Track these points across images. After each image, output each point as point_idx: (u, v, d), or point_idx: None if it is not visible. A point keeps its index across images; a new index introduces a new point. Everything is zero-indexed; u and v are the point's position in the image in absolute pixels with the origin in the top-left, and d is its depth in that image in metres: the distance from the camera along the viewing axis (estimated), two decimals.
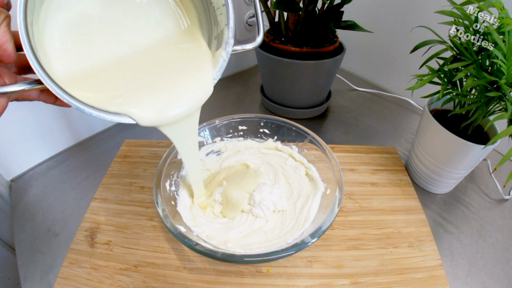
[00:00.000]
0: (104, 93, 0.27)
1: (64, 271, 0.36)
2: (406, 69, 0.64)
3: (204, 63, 0.30)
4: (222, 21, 0.30)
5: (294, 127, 0.46)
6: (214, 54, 0.30)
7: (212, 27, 0.32)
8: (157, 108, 0.28)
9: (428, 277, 0.36)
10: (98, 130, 0.58)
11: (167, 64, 0.30)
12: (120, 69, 0.29)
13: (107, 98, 0.26)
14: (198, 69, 0.30)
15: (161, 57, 0.30)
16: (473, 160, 0.41)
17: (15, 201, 0.46)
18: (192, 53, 0.31)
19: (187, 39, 0.32)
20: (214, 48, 0.31)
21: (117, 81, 0.28)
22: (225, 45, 0.30)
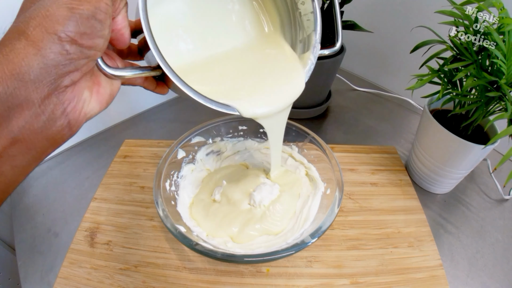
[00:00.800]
0: (210, 86, 0.29)
1: (64, 271, 0.36)
2: (406, 69, 0.64)
3: (295, 65, 0.33)
4: (309, 27, 0.32)
5: (294, 127, 0.46)
6: (301, 56, 0.33)
7: (297, 32, 0.34)
8: (261, 102, 0.31)
9: (428, 277, 0.36)
10: (98, 130, 0.59)
11: (261, 66, 0.33)
12: (218, 66, 0.32)
13: (214, 91, 0.28)
14: (291, 70, 0.33)
15: (252, 60, 0.34)
16: (473, 160, 0.41)
17: (15, 201, 0.46)
18: (280, 56, 0.34)
19: (271, 42, 0.35)
20: (299, 51, 0.34)
21: (220, 77, 0.31)
22: (313, 49, 0.32)
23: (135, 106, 0.62)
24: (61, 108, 0.19)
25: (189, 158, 0.45)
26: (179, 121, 0.61)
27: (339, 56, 0.54)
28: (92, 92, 0.21)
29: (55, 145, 0.20)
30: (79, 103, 0.20)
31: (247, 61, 0.33)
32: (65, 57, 0.17)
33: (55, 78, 0.18)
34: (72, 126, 0.20)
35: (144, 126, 0.60)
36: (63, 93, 0.19)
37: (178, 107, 0.65)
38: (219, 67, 0.32)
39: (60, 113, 0.19)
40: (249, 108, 0.30)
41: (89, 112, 0.21)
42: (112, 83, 0.23)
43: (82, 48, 0.18)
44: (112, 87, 0.23)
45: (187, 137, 0.44)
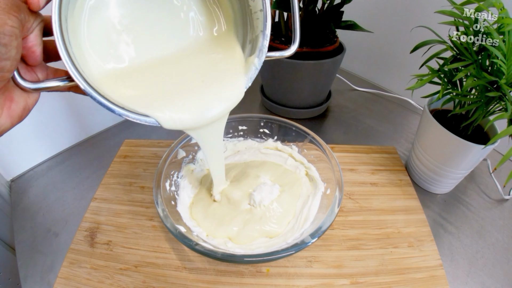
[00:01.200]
0: (134, 92, 0.27)
1: (64, 271, 0.36)
2: (406, 69, 0.64)
3: (236, 71, 0.30)
4: (257, 27, 0.29)
5: (294, 127, 0.46)
6: (247, 60, 0.30)
7: (247, 31, 0.31)
8: (185, 113, 0.28)
9: (428, 277, 0.36)
10: (98, 130, 0.59)
11: (200, 70, 0.30)
12: (153, 72, 0.29)
13: (136, 99, 0.26)
14: (229, 77, 0.29)
15: (194, 62, 0.30)
16: (473, 160, 0.41)
17: (15, 201, 0.46)
18: (225, 59, 0.31)
19: (221, 43, 0.32)
20: (247, 53, 0.31)
21: (148, 84, 0.28)
22: (259, 52, 0.29)
23: None
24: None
25: (189, 158, 0.45)
26: None
27: (339, 56, 0.54)
28: (3, 109, 0.21)
29: None
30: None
31: (187, 66, 0.30)
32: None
33: None
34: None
35: (144, 126, 0.60)
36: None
37: None
38: (154, 72, 0.29)
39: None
40: (169, 120, 0.27)
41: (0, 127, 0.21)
42: (28, 96, 0.23)
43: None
44: (28, 100, 0.23)
45: (187, 137, 0.44)
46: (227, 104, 0.29)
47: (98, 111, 0.57)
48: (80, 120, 0.55)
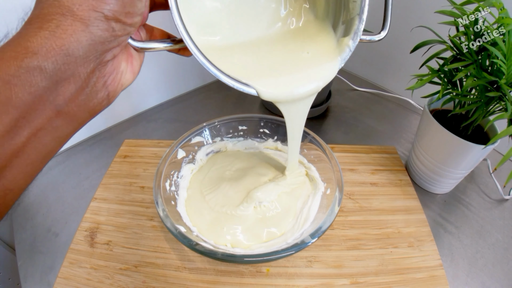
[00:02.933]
0: (235, 66, 0.28)
1: (64, 271, 0.36)
2: (406, 69, 0.64)
3: (329, 52, 0.30)
4: (354, 9, 0.29)
5: None
6: (341, 40, 0.30)
7: (340, 11, 0.31)
8: (282, 85, 0.29)
9: (428, 277, 0.36)
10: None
11: (295, 49, 0.31)
12: (251, 50, 0.30)
13: (238, 70, 0.28)
14: (323, 58, 0.30)
15: (289, 43, 0.31)
16: (473, 160, 0.41)
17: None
18: (319, 39, 0.31)
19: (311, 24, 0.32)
20: (340, 33, 0.31)
21: (248, 59, 0.30)
22: (354, 35, 0.29)
23: (135, 106, 0.62)
24: (102, 80, 0.20)
25: (189, 158, 0.45)
26: (179, 121, 0.61)
27: None
28: (128, 64, 0.22)
29: (93, 115, 0.21)
30: (118, 75, 0.21)
31: (281, 45, 0.32)
32: (110, 34, 0.18)
33: (100, 54, 0.19)
34: (111, 97, 0.22)
35: (144, 126, 0.60)
36: (104, 67, 0.20)
37: (178, 107, 0.65)
38: (251, 50, 0.31)
39: (101, 86, 0.20)
40: (268, 90, 0.28)
41: (125, 82, 0.23)
42: (139, 54, 0.24)
43: (125, 26, 0.19)
44: (140, 56, 0.24)
45: (187, 137, 0.44)
46: (319, 83, 0.30)
47: None
48: None
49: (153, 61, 0.59)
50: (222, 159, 0.47)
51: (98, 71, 0.19)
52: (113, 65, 0.21)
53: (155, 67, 0.61)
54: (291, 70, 0.30)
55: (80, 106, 0.19)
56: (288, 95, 0.30)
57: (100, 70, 0.19)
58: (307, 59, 0.30)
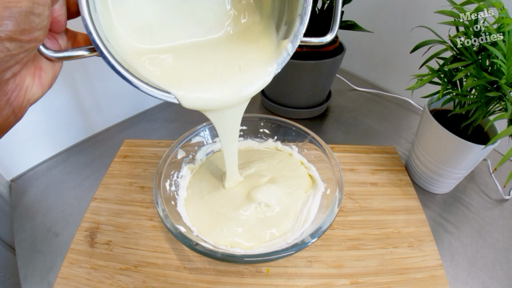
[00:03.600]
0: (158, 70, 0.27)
1: (64, 271, 0.36)
2: (406, 69, 0.64)
3: (265, 55, 0.28)
4: (296, 9, 0.26)
5: (294, 127, 0.46)
6: (280, 43, 0.28)
7: (284, 10, 0.29)
8: (204, 93, 0.27)
9: (428, 277, 0.36)
10: (98, 130, 0.59)
11: (230, 54, 0.29)
12: (180, 54, 0.28)
13: (158, 75, 0.26)
14: (257, 61, 0.28)
15: (228, 46, 0.30)
16: (473, 160, 0.41)
17: (15, 201, 0.46)
18: (259, 43, 0.29)
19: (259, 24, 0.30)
20: (281, 35, 0.28)
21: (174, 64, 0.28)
22: (293, 38, 0.27)
23: (135, 106, 0.62)
24: (4, 98, 0.19)
25: (189, 158, 0.45)
26: (179, 121, 0.61)
27: (339, 56, 0.54)
28: (34, 78, 0.22)
29: (2, 133, 0.21)
30: (21, 91, 0.20)
31: (219, 50, 0.29)
32: (5, 54, 0.17)
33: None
34: (17, 113, 0.21)
35: (144, 126, 0.60)
36: (5, 85, 0.19)
37: (178, 107, 0.64)
38: (184, 55, 0.29)
39: (4, 104, 0.19)
40: (188, 97, 0.26)
41: (32, 97, 0.22)
42: (54, 64, 0.23)
43: (22, 43, 0.18)
44: (54, 68, 0.23)
45: (187, 137, 0.44)
46: (249, 90, 0.28)
47: (98, 111, 0.57)
48: (80, 120, 0.55)
49: None
50: (221, 158, 0.47)
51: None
52: (15, 82, 0.20)
53: None
54: (220, 76, 0.28)
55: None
56: (211, 104, 0.28)
57: (1, 89, 0.19)
58: (242, 65, 0.28)
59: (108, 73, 0.54)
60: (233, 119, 0.32)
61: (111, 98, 0.57)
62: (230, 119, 0.32)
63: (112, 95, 0.57)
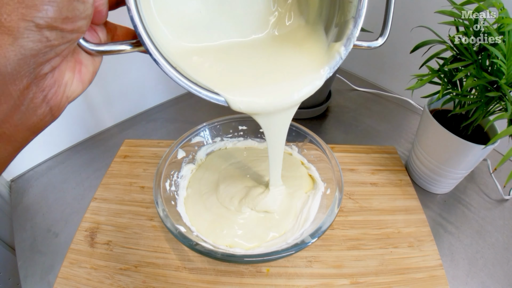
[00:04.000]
0: (207, 70, 0.26)
1: (64, 271, 0.36)
2: (406, 69, 0.64)
3: (317, 59, 0.27)
4: (349, 11, 0.26)
5: (294, 127, 0.46)
6: (331, 46, 0.27)
7: (335, 11, 0.27)
8: (254, 97, 0.26)
9: (428, 277, 0.36)
10: (98, 130, 0.59)
11: (278, 56, 0.28)
12: (229, 55, 0.28)
13: (207, 76, 0.25)
14: (308, 64, 0.27)
15: (274, 48, 0.29)
16: (473, 160, 0.41)
17: (15, 201, 0.46)
18: (307, 45, 0.28)
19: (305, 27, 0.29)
20: (332, 37, 0.27)
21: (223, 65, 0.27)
22: (347, 41, 0.26)
23: (135, 106, 0.62)
24: (41, 95, 0.17)
25: (189, 158, 0.45)
26: (179, 121, 0.61)
27: None
28: (74, 73, 0.20)
29: (36, 133, 0.19)
30: (60, 87, 0.19)
31: (264, 52, 0.29)
32: (44, 44, 0.16)
33: (34, 68, 0.16)
34: (54, 112, 0.19)
35: (144, 126, 0.60)
36: (43, 80, 0.17)
37: (178, 107, 0.65)
38: (229, 56, 0.28)
39: (41, 101, 0.18)
40: (238, 99, 0.25)
41: (72, 94, 0.20)
42: (94, 59, 0.22)
43: (63, 33, 0.16)
44: (95, 62, 0.22)
45: (187, 137, 0.44)
46: (300, 94, 0.27)
47: (98, 111, 0.57)
48: (80, 120, 0.55)
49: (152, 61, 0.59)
50: (220, 157, 0.47)
51: (34, 86, 0.17)
52: (54, 77, 0.18)
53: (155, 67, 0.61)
54: (269, 79, 0.27)
55: (17, 126, 0.17)
56: (261, 107, 0.27)
57: (37, 84, 0.17)
58: (290, 68, 0.27)
59: (108, 73, 0.54)
60: (281, 123, 0.31)
61: (111, 98, 0.57)
62: (278, 123, 0.31)
63: (112, 95, 0.57)
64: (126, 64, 0.56)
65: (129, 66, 0.57)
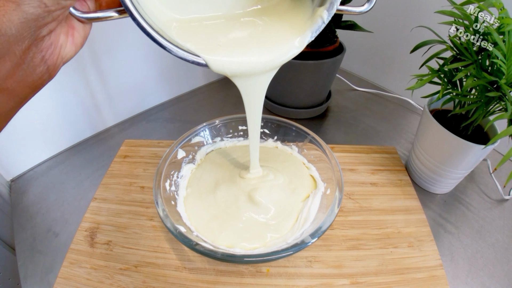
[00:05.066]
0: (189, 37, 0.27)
1: (64, 271, 0.36)
2: (406, 69, 0.64)
3: (300, 23, 0.27)
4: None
5: (294, 127, 0.46)
6: (315, 10, 0.27)
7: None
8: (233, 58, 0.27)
9: (428, 277, 0.36)
10: (98, 130, 0.59)
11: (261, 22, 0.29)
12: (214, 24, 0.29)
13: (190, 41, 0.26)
14: (289, 28, 0.27)
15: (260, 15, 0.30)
16: (473, 160, 0.41)
17: (15, 201, 0.46)
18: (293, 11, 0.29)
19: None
20: (316, 2, 0.28)
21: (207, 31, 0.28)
22: (329, 5, 0.26)
23: (135, 106, 0.62)
24: (40, 55, 0.20)
25: (189, 158, 0.45)
26: (179, 121, 0.61)
27: (339, 56, 0.54)
28: (68, 36, 0.22)
29: (35, 90, 0.21)
30: (56, 49, 0.21)
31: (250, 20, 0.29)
32: (43, 9, 0.18)
33: (35, 30, 0.18)
34: (51, 71, 0.21)
35: (144, 126, 0.60)
36: (41, 42, 0.20)
37: (178, 107, 0.65)
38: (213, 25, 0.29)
39: (39, 61, 0.20)
40: (218, 59, 0.26)
41: (66, 55, 0.22)
42: (85, 25, 0.24)
43: (59, 0, 0.19)
44: (85, 28, 0.24)
45: (187, 137, 0.44)
46: (280, 57, 0.28)
47: (98, 111, 0.57)
48: (80, 120, 0.55)
49: (153, 60, 0.59)
50: (219, 156, 0.47)
51: (34, 47, 0.19)
52: (50, 39, 0.20)
53: (155, 67, 0.61)
54: (250, 43, 0.28)
55: (19, 82, 0.20)
56: (241, 67, 0.27)
57: (37, 45, 0.19)
58: (272, 32, 0.28)
59: (108, 73, 0.54)
60: (259, 87, 0.32)
61: (111, 98, 0.57)
62: (255, 87, 0.31)
63: (112, 95, 0.57)
64: (126, 64, 0.56)
65: (129, 66, 0.57)
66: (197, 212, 0.39)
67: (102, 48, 0.51)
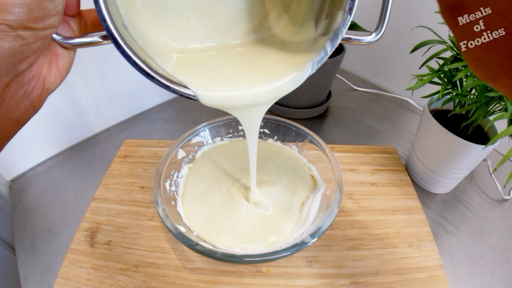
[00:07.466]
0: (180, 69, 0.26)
1: (64, 271, 0.36)
2: (406, 69, 0.64)
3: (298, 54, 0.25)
4: (341, 2, 0.23)
5: (294, 127, 0.46)
6: (318, 40, 0.25)
7: (325, 2, 0.25)
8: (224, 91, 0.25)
9: (428, 277, 0.36)
10: (98, 130, 0.59)
11: (263, 53, 0.27)
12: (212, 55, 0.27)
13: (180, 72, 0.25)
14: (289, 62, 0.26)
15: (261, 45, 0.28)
16: (473, 160, 0.41)
17: (15, 201, 0.46)
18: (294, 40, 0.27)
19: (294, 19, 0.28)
20: (320, 30, 0.25)
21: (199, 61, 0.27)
22: (334, 35, 0.23)
23: (135, 106, 0.62)
24: (22, 91, 0.19)
25: (189, 158, 0.45)
26: (179, 121, 0.61)
27: (339, 56, 0.54)
28: (51, 65, 0.21)
29: (20, 125, 0.20)
30: (40, 80, 0.20)
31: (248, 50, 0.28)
32: (20, 43, 0.17)
33: (13, 66, 0.17)
34: (36, 105, 0.20)
35: (144, 126, 0.60)
36: (21, 76, 0.18)
37: (178, 107, 0.65)
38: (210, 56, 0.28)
39: (22, 96, 0.19)
40: (207, 93, 0.24)
41: (51, 86, 0.21)
42: (69, 50, 0.22)
43: (36, 31, 0.17)
44: (70, 53, 0.22)
45: (187, 137, 0.44)
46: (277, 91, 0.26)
47: (98, 111, 0.57)
48: (80, 120, 0.55)
49: None
50: (218, 154, 0.47)
51: (14, 83, 0.18)
52: (32, 72, 0.19)
53: None
54: (244, 76, 0.26)
55: (1, 120, 0.18)
56: (231, 102, 0.26)
57: (17, 80, 0.18)
58: (269, 64, 0.26)
59: (108, 73, 0.54)
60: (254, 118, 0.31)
61: (111, 98, 0.57)
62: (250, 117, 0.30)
63: (112, 95, 0.57)
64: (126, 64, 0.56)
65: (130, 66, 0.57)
66: (194, 211, 0.39)
67: (102, 48, 0.51)
